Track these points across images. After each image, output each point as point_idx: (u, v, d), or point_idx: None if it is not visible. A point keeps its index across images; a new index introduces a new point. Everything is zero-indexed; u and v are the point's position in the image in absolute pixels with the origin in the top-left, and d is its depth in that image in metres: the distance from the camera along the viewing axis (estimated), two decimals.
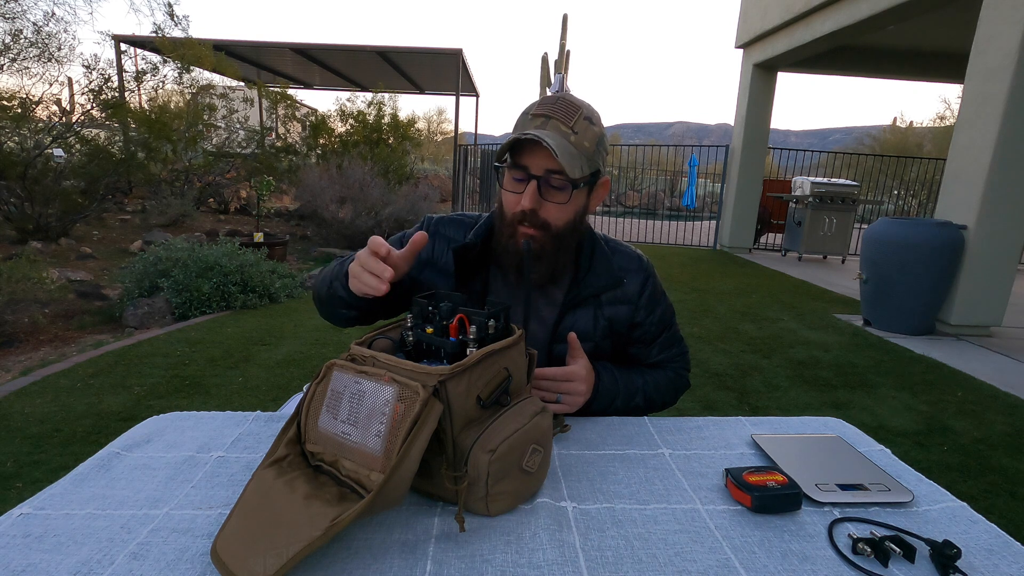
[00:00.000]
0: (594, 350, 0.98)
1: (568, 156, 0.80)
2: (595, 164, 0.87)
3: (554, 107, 0.84)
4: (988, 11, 3.82)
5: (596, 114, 0.88)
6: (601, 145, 0.87)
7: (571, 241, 0.92)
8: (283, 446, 0.66)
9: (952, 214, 3.97)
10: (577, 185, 0.84)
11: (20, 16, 6.64)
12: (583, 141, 0.84)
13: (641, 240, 8.85)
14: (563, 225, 0.88)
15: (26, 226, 5.98)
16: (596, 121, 0.87)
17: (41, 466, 1.98)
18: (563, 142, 0.82)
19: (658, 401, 1.03)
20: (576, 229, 0.92)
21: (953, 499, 0.71)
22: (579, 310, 0.97)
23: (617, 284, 0.97)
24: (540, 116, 0.84)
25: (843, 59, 7.63)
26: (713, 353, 3.47)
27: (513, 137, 0.83)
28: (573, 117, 0.84)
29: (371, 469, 0.58)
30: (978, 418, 2.66)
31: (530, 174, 0.84)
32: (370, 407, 0.60)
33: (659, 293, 1.03)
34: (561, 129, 0.83)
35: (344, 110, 10.05)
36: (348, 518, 0.53)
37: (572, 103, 0.85)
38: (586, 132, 0.84)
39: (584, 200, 0.90)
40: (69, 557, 0.57)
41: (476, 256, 0.96)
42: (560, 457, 0.79)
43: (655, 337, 1.04)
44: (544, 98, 0.87)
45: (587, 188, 0.89)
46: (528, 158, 0.84)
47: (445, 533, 0.62)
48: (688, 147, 11.10)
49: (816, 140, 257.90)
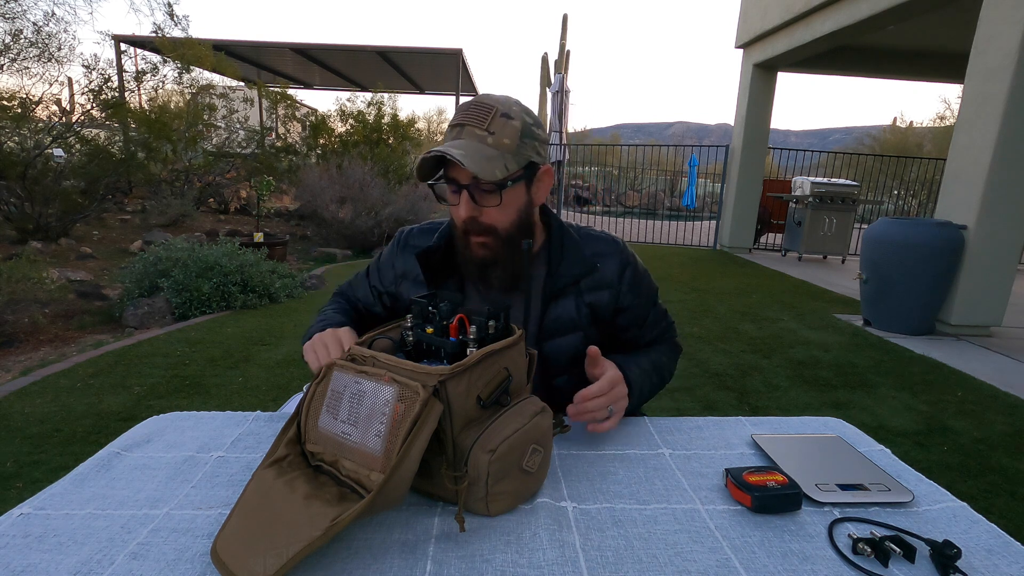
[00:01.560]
0: (583, 340, 0.98)
1: (483, 160, 0.80)
2: (524, 157, 0.86)
3: (467, 114, 0.85)
4: (988, 11, 3.82)
5: (517, 107, 0.87)
6: (527, 136, 0.86)
7: (524, 237, 0.91)
8: (283, 446, 0.66)
9: (952, 214, 3.97)
10: (504, 185, 0.84)
11: (20, 16, 6.64)
12: (502, 139, 0.83)
13: (641, 240, 8.85)
14: (510, 225, 0.89)
15: (26, 226, 5.98)
16: (516, 115, 0.85)
17: (41, 466, 1.98)
18: (478, 146, 0.82)
19: (667, 375, 1.06)
20: (525, 225, 0.91)
21: (953, 499, 0.71)
22: (560, 300, 0.97)
23: (592, 269, 0.97)
24: (455, 126, 0.85)
25: (843, 59, 7.62)
26: (713, 353, 3.47)
27: (419, 158, 0.83)
28: (487, 119, 0.83)
29: (371, 469, 0.58)
30: (978, 418, 2.66)
31: (460, 184, 0.85)
32: (370, 407, 0.60)
33: (641, 274, 1.03)
34: (476, 134, 0.83)
35: (344, 110, 10.05)
36: (348, 518, 0.53)
37: (485, 104, 0.85)
38: (504, 129, 0.83)
39: (524, 195, 0.90)
40: (69, 557, 0.57)
41: (443, 258, 0.97)
42: (560, 457, 0.80)
43: (646, 318, 1.04)
44: (460, 105, 0.88)
45: (524, 182, 0.89)
46: (453, 171, 0.86)
47: (445, 533, 0.62)
48: (688, 147, 11.10)
49: (816, 140, 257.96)
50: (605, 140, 28.52)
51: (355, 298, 1.12)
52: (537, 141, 0.88)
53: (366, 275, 1.11)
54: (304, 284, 4.74)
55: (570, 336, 0.97)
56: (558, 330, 0.97)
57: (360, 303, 1.11)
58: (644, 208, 13.85)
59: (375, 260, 1.11)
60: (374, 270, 1.09)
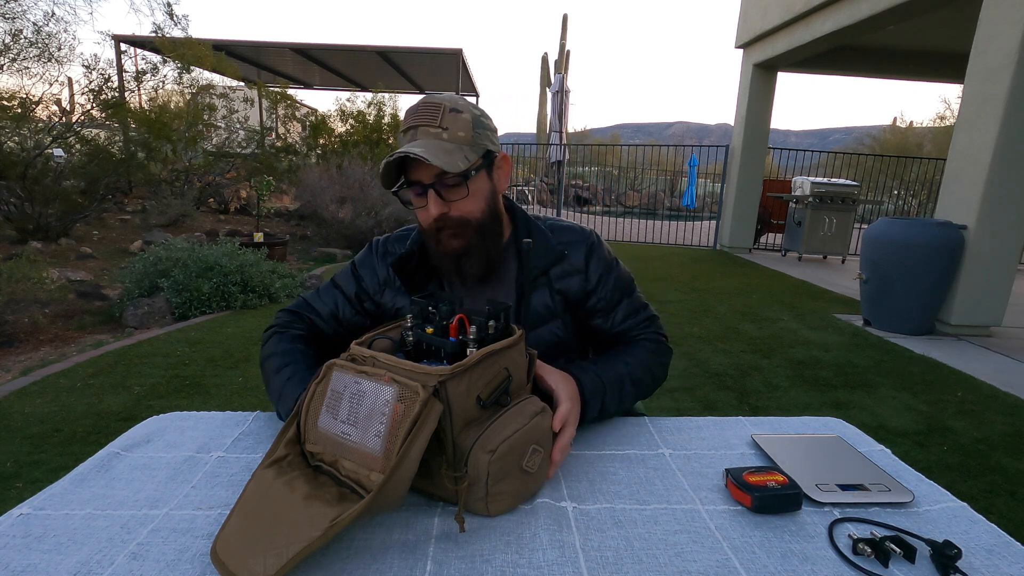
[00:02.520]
0: (563, 327, 1.00)
1: (444, 154, 0.83)
2: (480, 147, 0.88)
3: (417, 115, 0.86)
4: (988, 11, 3.82)
5: (463, 102, 0.90)
6: (479, 127, 0.89)
7: (496, 225, 0.94)
8: (283, 446, 0.66)
9: (952, 214, 3.97)
10: (468, 175, 0.86)
11: (20, 16, 6.64)
12: (457, 133, 0.86)
13: (641, 240, 8.84)
14: (480, 214, 0.91)
15: (26, 226, 5.98)
16: (464, 108, 0.88)
17: (41, 466, 1.98)
18: (436, 143, 0.84)
19: (647, 380, 0.98)
20: (495, 212, 0.94)
21: (953, 499, 0.71)
22: (534, 292, 0.98)
23: (560, 258, 0.99)
24: (409, 129, 0.87)
25: (843, 59, 7.62)
26: (713, 353, 3.47)
27: (384, 162, 0.84)
28: (438, 115, 0.86)
29: (371, 469, 0.58)
30: (978, 418, 2.66)
31: (424, 185, 0.87)
32: (370, 407, 0.60)
33: (608, 259, 1.03)
34: (430, 132, 0.85)
35: (344, 110, 10.06)
36: (348, 518, 0.53)
37: (433, 103, 0.87)
38: (456, 123, 0.86)
39: (487, 184, 0.92)
40: (69, 557, 0.57)
41: (418, 263, 0.99)
42: None
43: (614, 305, 1.03)
44: (408, 109, 0.89)
45: (485, 171, 0.91)
46: (415, 173, 0.87)
47: (445, 533, 0.62)
48: (688, 147, 11.11)
49: (816, 140, 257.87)
50: (605, 140, 28.52)
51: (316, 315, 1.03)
52: (489, 131, 0.91)
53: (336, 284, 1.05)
54: (304, 284, 4.74)
55: (550, 324, 0.99)
56: (536, 321, 0.98)
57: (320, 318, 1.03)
58: (644, 208, 13.85)
59: (349, 268, 1.06)
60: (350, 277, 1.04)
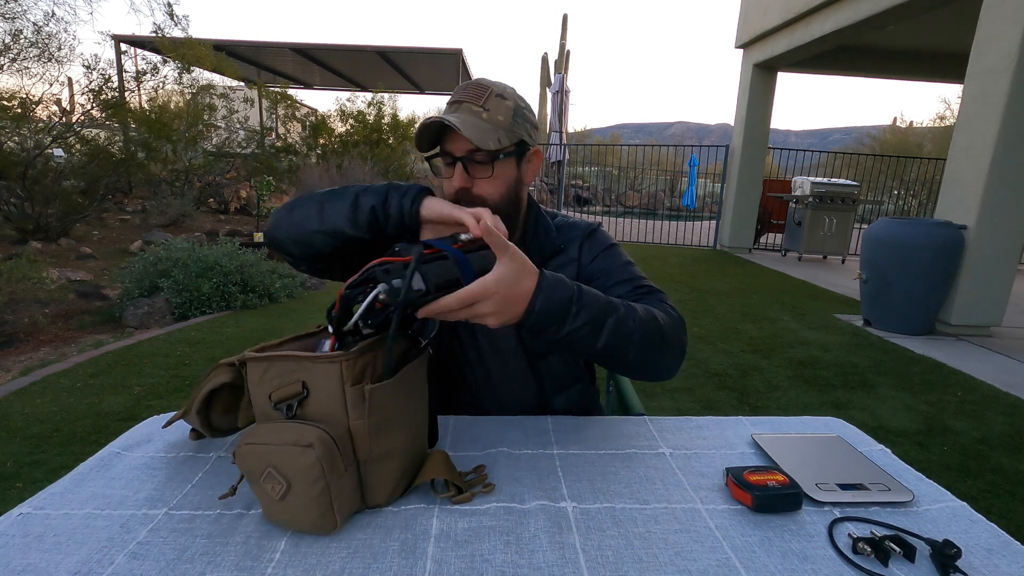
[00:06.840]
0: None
1: (479, 131, 0.84)
2: (516, 135, 0.90)
3: (465, 92, 0.90)
4: (988, 11, 3.82)
5: (510, 90, 0.92)
6: (519, 116, 0.91)
7: (513, 214, 0.95)
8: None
9: (952, 214, 3.97)
10: (497, 156, 0.88)
11: (20, 16, 6.64)
12: (496, 116, 0.88)
13: (641, 240, 8.84)
14: (499, 198, 0.91)
15: (26, 226, 5.98)
16: (509, 96, 0.91)
17: (41, 466, 1.98)
18: (474, 120, 0.86)
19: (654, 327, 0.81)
20: (513, 201, 0.95)
21: (953, 499, 0.71)
22: None
23: (558, 251, 1.00)
24: (453, 103, 0.90)
25: (843, 59, 7.62)
26: (713, 353, 3.47)
27: (421, 124, 0.86)
28: (483, 97, 0.88)
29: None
30: (978, 418, 2.66)
31: (455, 157, 0.89)
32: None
33: (604, 243, 1.02)
34: (472, 109, 0.88)
35: (344, 110, 10.06)
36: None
37: (482, 84, 0.90)
38: (498, 107, 0.89)
39: (514, 171, 0.93)
40: (69, 557, 0.57)
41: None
42: (560, 457, 0.79)
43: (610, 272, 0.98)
44: (459, 85, 0.92)
45: (515, 159, 0.92)
46: (450, 144, 0.90)
47: (445, 533, 0.62)
48: (688, 147, 11.10)
49: (816, 140, 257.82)
50: (605, 140, 28.53)
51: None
52: (528, 123, 0.93)
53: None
54: (304, 284, 4.74)
55: None
56: None
57: None
58: (644, 208, 13.83)
59: None
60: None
